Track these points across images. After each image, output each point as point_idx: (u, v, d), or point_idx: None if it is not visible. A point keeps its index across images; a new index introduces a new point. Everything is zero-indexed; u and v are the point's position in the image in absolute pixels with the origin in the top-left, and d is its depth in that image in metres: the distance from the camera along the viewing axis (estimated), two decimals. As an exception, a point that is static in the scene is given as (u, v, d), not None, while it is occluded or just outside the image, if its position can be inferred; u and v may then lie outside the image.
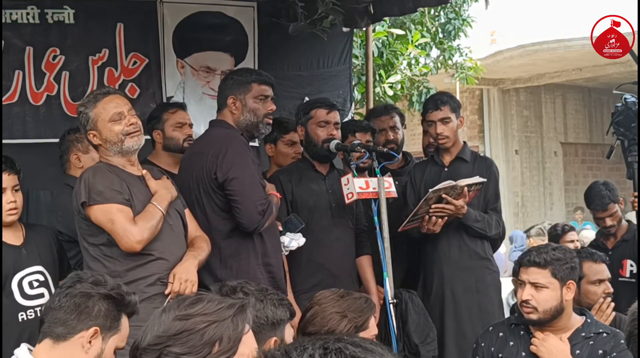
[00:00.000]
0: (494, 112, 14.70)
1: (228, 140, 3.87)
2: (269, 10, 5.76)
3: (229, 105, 3.97)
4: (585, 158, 16.09)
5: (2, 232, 3.80)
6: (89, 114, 3.51)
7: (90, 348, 2.43)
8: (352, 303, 2.98)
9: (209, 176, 3.82)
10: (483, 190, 4.55)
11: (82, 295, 2.45)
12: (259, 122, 4.00)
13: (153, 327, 1.96)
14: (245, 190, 3.79)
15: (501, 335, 3.56)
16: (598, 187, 5.34)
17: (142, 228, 3.41)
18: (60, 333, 2.43)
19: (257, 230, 3.84)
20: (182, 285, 3.42)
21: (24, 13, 5.06)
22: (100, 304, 2.46)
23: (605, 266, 4.10)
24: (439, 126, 4.56)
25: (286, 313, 2.54)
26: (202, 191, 3.86)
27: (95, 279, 2.51)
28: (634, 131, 4.26)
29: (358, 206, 4.52)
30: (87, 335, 2.42)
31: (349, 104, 6.34)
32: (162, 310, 2.01)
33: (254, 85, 3.98)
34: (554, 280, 3.31)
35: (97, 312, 2.45)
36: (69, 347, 2.42)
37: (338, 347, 1.41)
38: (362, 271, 4.53)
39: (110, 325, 2.47)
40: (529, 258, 3.36)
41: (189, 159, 4.03)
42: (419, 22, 8.96)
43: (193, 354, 1.92)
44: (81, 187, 3.44)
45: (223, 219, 3.86)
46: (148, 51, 5.45)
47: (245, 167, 3.82)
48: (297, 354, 1.40)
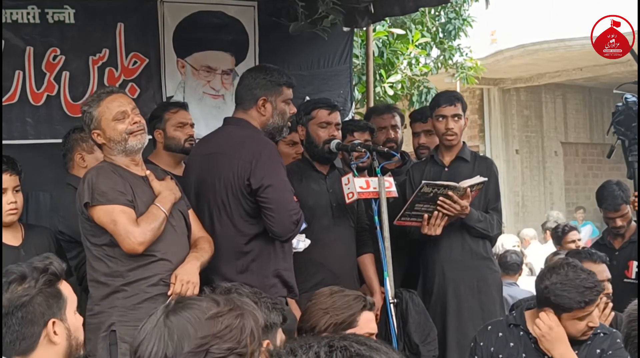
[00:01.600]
0: (494, 112, 14.69)
1: (262, 145, 3.79)
2: (269, 10, 5.76)
3: (258, 106, 3.87)
4: (585, 157, 16.08)
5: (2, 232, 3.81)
6: (92, 113, 3.51)
7: (58, 337, 2.41)
8: (339, 300, 3.00)
9: (241, 181, 3.73)
10: (484, 190, 4.55)
11: (18, 307, 2.38)
12: (284, 126, 3.96)
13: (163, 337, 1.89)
14: (280, 199, 3.72)
15: (501, 335, 3.55)
16: (611, 187, 5.29)
17: (145, 229, 3.41)
18: (27, 347, 2.39)
19: (289, 239, 3.81)
20: (183, 286, 3.42)
21: (24, 13, 5.06)
22: (39, 300, 2.40)
23: (605, 267, 4.09)
24: (450, 121, 4.54)
25: (279, 318, 2.55)
26: (230, 195, 3.77)
27: (9, 283, 2.40)
28: (634, 131, 4.26)
29: (359, 205, 4.52)
30: (49, 331, 2.40)
31: (350, 103, 6.34)
32: (162, 317, 1.95)
33: (284, 88, 3.92)
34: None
35: (41, 309, 2.40)
36: (41, 350, 2.40)
37: (343, 345, 1.42)
38: (364, 269, 4.53)
39: (58, 305, 2.43)
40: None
41: (208, 159, 3.90)
42: (419, 22, 8.96)
43: (240, 348, 1.90)
44: (85, 187, 3.44)
45: (250, 224, 3.80)
46: (148, 51, 5.44)
47: (279, 174, 3.76)
48: (303, 352, 1.41)
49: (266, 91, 3.88)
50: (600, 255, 4.16)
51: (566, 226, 6.63)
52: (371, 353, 1.41)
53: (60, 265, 2.50)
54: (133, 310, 3.40)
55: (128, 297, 3.43)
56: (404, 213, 4.38)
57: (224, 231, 3.77)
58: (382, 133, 5.05)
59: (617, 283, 4.17)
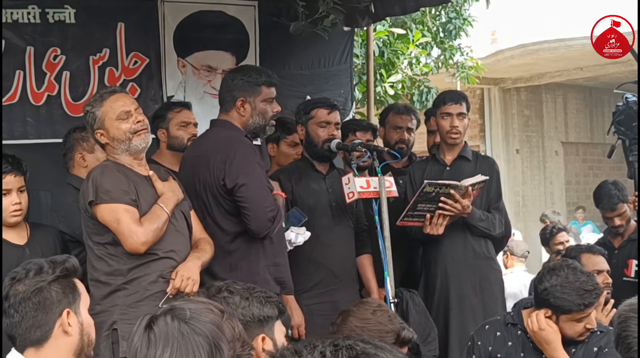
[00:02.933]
0: (494, 111, 14.69)
1: (235, 145, 3.83)
2: (269, 10, 5.77)
3: (237, 107, 3.92)
4: (586, 157, 16.07)
5: (7, 232, 3.82)
6: (96, 113, 3.51)
7: (72, 329, 2.44)
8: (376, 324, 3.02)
9: (217, 182, 3.79)
10: (486, 189, 4.55)
11: (35, 292, 2.42)
12: (266, 125, 3.99)
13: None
14: (255, 197, 3.77)
15: (499, 335, 3.55)
16: (607, 186, 5.31)
17: (148, 229, 3.41)
18: (40, 337, 2.42)
19: (267, 236, 3.83)
20: (183, 282, 3.43)
21: (24, 13, 5.06)
22: (54, 288, 2.44)
23: (604, 259, 4.13)
24: (455, 119, 4.55)
25: (274, 311, 2.52)
26: (210, 196, 3.83)
27: (27, 272, 2.46)
28: (634, 131, 4.26)
29: (358, 206, 4.52)
30: (64, 321, 2.43)
31: (350, 103, 6.34)
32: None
33: (263, 88, 3.95)
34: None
35: (57, 296, 2.43)
36: (54, 342, 2.43)
37: (348, 344, 1.43)
38: (362, 270, 4.53)
39: (72, 297, 2.47)
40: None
41: (192, 162, 3.99)
42: (419, 22, 8.96)
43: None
44: (89, 185, 3.45)
45: (232, 223, 3.85)
46: (149, 51, 5.44)
47: (253, 173, 3.80)
48: (308, 352, 1.42)
49: (244, 92, 3.92)
50: (598, 248, 4.20)
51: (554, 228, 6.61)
52: (377, 352, 1.42)
53: (77, 265, 2.54)
54: (134, 308, 3.40)
55: (129, 295, 3.44)
56: (406, 213, 4.38)
57: (209, 230, 3.80)
58: (397, 133, 5.06)
59: (616, 281, 4.19)
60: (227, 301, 2.46)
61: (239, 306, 2.46)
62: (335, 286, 4.35)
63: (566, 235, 6.75)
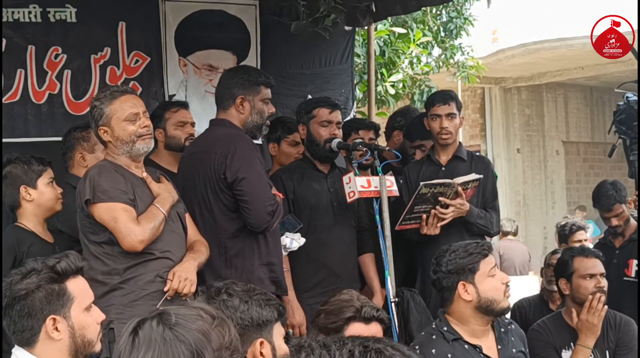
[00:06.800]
0: (495, 111, 14.67)
1: (237, 140, 3.86)
2: (270, 9, 5.77)
3: (236, 104, 3.94)
4: (587, 156, 16.05)
5: (38, 227, 3.86)
6: (104, 109, 3.50)
7: (60, 334, 2.46)
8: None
9: (218, 176, 3.81)
10: (481, 189, 4.54)
11: (17, 300, 2.44)
12: (263, 124, 4.02)
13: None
14: (255, 190, 3.79)
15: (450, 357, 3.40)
16: (605, 187, 5.29)
17: (145, 228, 3.42)
18: (29, 339, 2.46)
19: (266, 230, 3.84)
20: (181, 283, 3.44)
21: (25, 12, 5.07)
22: (39, 295, 2.45)
23: (599, 261, 4.10)
24: (444, 120, 4.54)
25: (273, 313, 2.50)
26: (209, 190, 3.85)
27: (22, 275, 2.47)
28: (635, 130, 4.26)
29: (360, 205, 4.52)
30: (49, 327, 2.45)
31: (351, 102, 6.35)
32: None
33: (262, 87, 3.99)
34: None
35: (41, 303, 2.45)
36: (42, 345, 2.46)
37: (378, 347, 1.43)
38: (365, 269, 4.54)
39: (60, 303, 2.48)
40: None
41: (192, 158, 4.01)
42: (420, 21, 8.96)
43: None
44: (86, 184, 3.45)
45: (230, 219, 3.86)
46: (150, 50, 5.46)
47: (254, 167, 3.83)
48: (336, 348, 1.42)
49: (244, 90, 3.95)
50: (593, 250, 4.18)
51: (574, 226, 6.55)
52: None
53: (74, 263, 2.54)
54: (130, 308, 3.40)
55: (125, 295, 3.44)
56: (404, 217, 4.37)
57: (206, 227, 3.82)
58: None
59: (617, 281, 4.18)
60: (226, 305, 2.45)
61: (237, 310, 2.44)
62: (337, 286, 4.33)
63: (585, 233, 6.72)
